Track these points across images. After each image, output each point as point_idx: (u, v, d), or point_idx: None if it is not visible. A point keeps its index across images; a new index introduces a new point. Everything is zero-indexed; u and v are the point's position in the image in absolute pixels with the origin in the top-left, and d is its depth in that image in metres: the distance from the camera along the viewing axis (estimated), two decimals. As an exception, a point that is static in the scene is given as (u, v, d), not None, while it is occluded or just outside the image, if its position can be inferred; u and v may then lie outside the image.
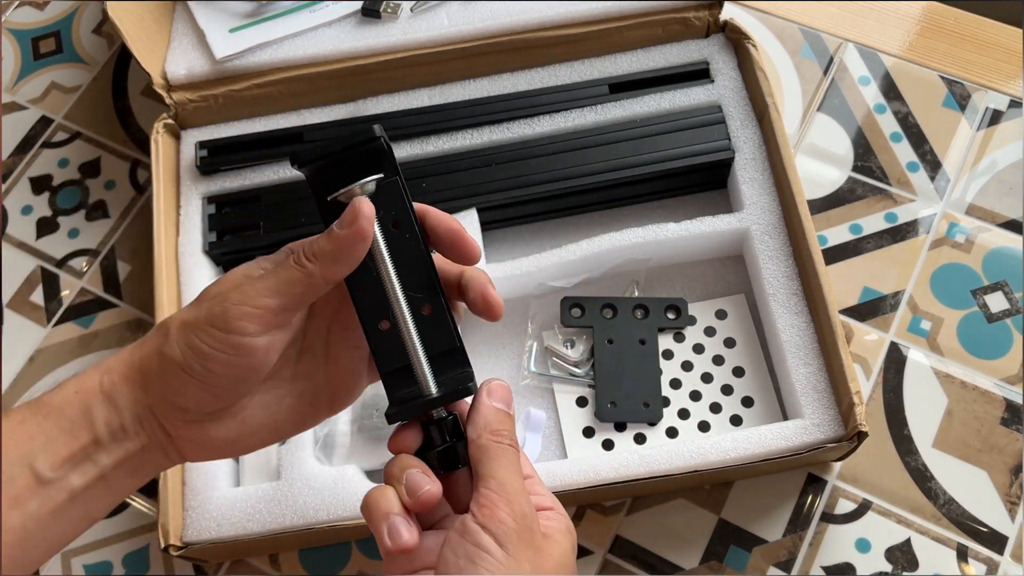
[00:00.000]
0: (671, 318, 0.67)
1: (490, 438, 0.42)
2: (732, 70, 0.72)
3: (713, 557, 0.62)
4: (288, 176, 0.71)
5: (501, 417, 0.43)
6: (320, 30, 0.73)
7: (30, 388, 0.71)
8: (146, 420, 0.43)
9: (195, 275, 0.67)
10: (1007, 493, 0.63)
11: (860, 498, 0.63)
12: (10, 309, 0.74)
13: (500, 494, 0.40)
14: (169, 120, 0.72)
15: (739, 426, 0.64)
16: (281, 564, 0.65)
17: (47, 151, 0.80)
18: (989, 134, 0.74)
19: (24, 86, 0.83)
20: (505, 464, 0.41)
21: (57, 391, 0.43)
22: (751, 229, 0.66)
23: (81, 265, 0.76)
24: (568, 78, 0.73)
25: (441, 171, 0.70)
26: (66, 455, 0.41)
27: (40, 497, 0.41)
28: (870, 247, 0.71)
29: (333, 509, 0.60)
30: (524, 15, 0.72)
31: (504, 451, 0.42)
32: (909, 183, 0.73)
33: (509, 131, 0.71)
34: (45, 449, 0.41)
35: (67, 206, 0.78)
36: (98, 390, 0.42)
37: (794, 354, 0.62)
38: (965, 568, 0.61)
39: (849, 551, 0.62)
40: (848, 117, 0.75)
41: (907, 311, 0.69)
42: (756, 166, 0.68)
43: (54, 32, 0.86)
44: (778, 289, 0.64)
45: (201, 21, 0.74)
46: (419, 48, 0.72)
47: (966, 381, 0.66)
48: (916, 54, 0.77)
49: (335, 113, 0.73)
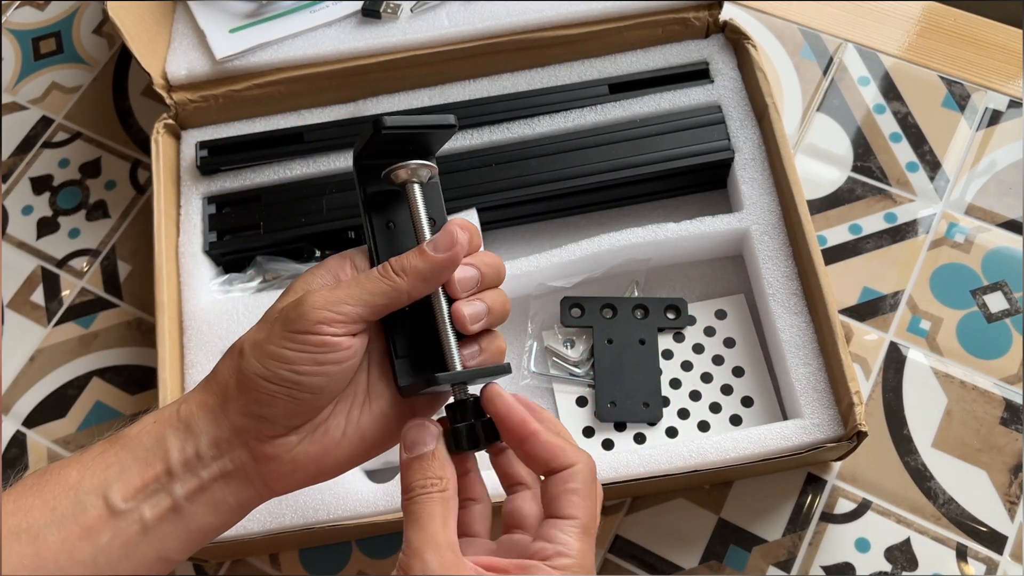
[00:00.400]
0: (671, 318, 0.67)
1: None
2: (732, 70, 0.72)
3: (713, 557, 0.63)
4: (288, 176, 0.71)
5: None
6: (320, 30, 0.73)
7: (30, 388, 0.72)
8: (226, 443, 0.42)
9: (195, 275, 0.68)
10: (1006, 493, 0.63)
11: (860, 498, 0.64)
12: (11, 309, 0.75)
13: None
14: (169, 120, 0.72)
15: (739, 426, 0.64)
16: (281, 564, 0.65)
17: (48, 151, 0.81)
18: (988, 134, 0.74)
19: (25, 86, 0.84)
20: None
21: (136, 423, 0.43)
22: (751, 229, 0.66)
23: (81, 265, 0.76)
24: (568, 78, 0.73)
25: (441, 171, 0.69)
26: (139, 484, 0.41)
27: (112, 529, 0.40)
28: (870, 247, 0.71)
29: (333, 509, 0.60)
30: (524, 15, 0.72)
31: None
32: (908, 183, 0.73)
33: (509, 131, 0.71)
34: (119, 479, 0.41)
35: (67, 206, 0.78)
36: (175, 418, 0.42)
37: (794, 354, 0.62)
38: (964, 568, 0.61)
39: (849, 551, 0.62)
40: (848, 117, 0.75)
41: (907, 311, 0.69)
42: (756, 166, 0.68)
43: (54, 32, 0.86)
44: (778, 289, 0.64)
45: (201, 21, 0.74)
46: (419, 48, 0.72)
47: (965, 381, 0.66)
48: (915, 54, 0.78)
49: (335, 113, 0.73)
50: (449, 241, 0.42)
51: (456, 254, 0.42)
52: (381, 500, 0.60)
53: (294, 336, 0.40)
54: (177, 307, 0.66)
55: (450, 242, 0.42)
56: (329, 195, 0.69)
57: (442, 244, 0.42)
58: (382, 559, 0.64)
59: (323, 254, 0.70)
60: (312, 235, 0.69)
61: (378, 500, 0.60)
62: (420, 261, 0.42)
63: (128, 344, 0.73)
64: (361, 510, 0.59)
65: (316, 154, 0.72)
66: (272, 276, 0.69)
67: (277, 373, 0.41)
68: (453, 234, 0.42)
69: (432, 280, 0.42)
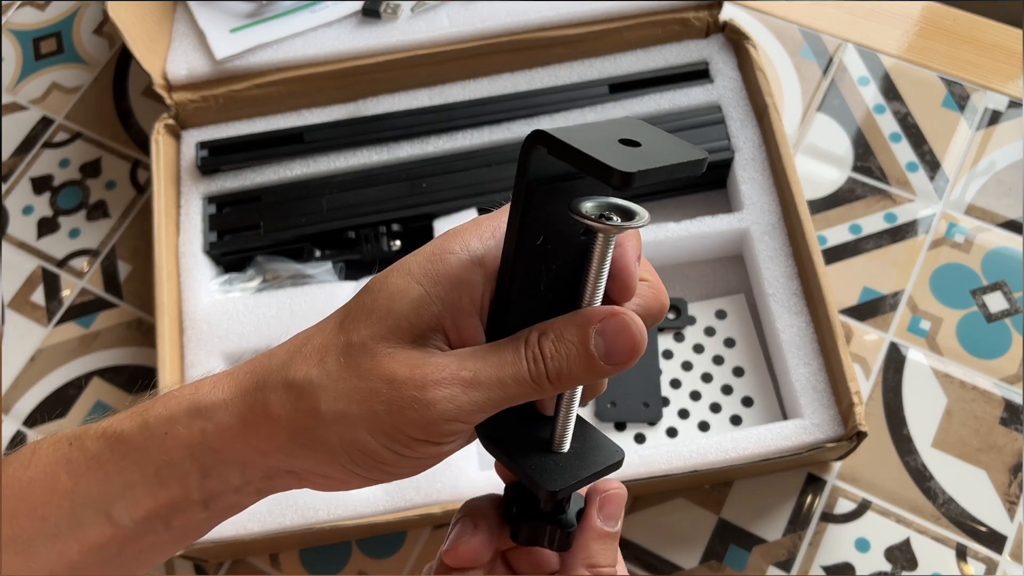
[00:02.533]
0: (671, 318, 0.67)
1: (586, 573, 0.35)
2: (732, 70, 0.72)
3: (713, 556, 0.63)
4: (288, 176, 0.71)
5: (607, 547, 0.36)
6: (320, 30, 0.73)
7: (31, 388, 0.72)
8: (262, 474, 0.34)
9: (195, 275, 0.68)
10: (1006, 492, 0.63)
11: (859, 498, 0.64)
12: (11, 309, 0.75)
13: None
14: (170, 120, 0.72)
15: (739, 426, 0.64)
16: (282, 563, 0.65)
17: (48, 151, 0.81)
18: (988, 134, 0.74)
19: (25, 86, 0.84)
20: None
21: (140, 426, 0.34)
22: (751, 229, 0.66)
23: (82, 265, 0.76)
24: (568, 78, 0.73)
25: (441, 171, 0.70)
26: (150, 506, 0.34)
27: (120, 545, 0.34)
28: (869, 247, 0.71)
29: (333, 509, 0.60)
30: (524, 15, 0.72)
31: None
32: (908, 183, 0.73)
33: (509, 131, 0.71)
34: (124, 496, 0.34)
35: (68, 206, 0.78)
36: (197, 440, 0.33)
37: (794, 354, 0.62)
38: (964, 567, 0.61)
39: (848, 550, 0.62)
40: (847, 117, 0.75)
41: (906, 311, 0.69)
42: (756, 166, 0.68)
43: (55, 33, 0.86)
44: (778, 289, 0.64)
45: (202, 21, 0.74)
46: (419, 48, 0.72)
47: (965, 381, 0.66)
48: (915, 55, 0.78)
49: (335, 113, 0.74)
50: (630, 353, 0.31)
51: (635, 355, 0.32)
52: (381, 500, 0.60)
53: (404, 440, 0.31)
54: (177, 307, 0.66)
55: (631, 354, 0.31)
56: (329, 195, 0.69)
57: (618, 355, 0.31)
58: (382, 559, 0.64)
59: (323, 254, 0.70)
60: (312, 235, 0.69)
61: (378, 500, 0.60)
62: (584, 370, 0.31)
63: (128, 344, 0.73)
64: (361, 510, 0.60)
65: (316, 154, 0.72)
66: (272, 276, 0.69)
67: (365, 467, 0.32)
68: (635, 345, 0.31)
69: (588, 379, 0.32)
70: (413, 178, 0.69)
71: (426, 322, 0.31)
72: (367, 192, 0.69)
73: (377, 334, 0.31)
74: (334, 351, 0.32)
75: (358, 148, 0.72)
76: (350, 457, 0.32)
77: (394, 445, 0.31)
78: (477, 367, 0.31)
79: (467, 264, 0.31)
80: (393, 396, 0.30)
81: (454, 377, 0.30)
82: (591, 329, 0.31)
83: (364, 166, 0.71)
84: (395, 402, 0.30)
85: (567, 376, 0.31)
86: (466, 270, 0.31)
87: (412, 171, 0.70)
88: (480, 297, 0.32)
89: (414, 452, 0.31)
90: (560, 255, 0.32)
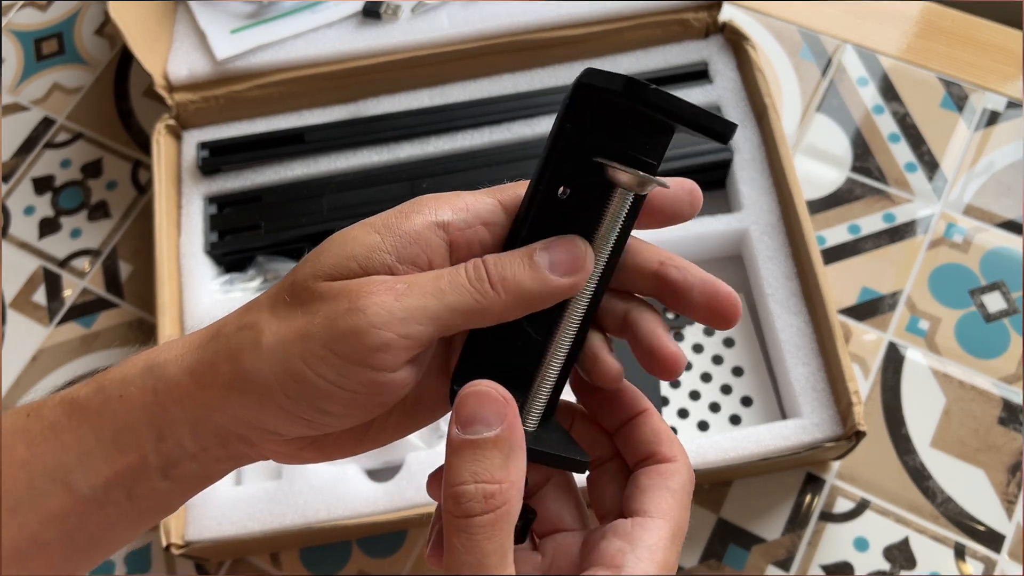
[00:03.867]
0: (671, 318, 0.67)
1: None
2: (731, 71, 0.72)
3: (712, 556, 0.63)
4: (289, 176, 0.71)
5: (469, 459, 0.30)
6: (321, 31, 0.74)
7: (31, 388, 0.72)
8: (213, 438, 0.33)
9: (196, 275, 0.68)
10: (1004, 492, 0.63)
11: (858, 497, 0.64)
12: (12, 309, 0.75)
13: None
14: (171, 121, 0.72)
15: (738, 425, 0.64)
16: (282, 563, 0.65)
17: (49, 152, 0.81)
18: (987, 135, 0.74)
19: (27, 87, 0.84)
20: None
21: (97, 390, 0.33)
22: (750, 229, 0.67)
23: (83, 265, 0.76)
24: (568, 79, 0.73)
25: (441, 171, 0.70)
26: (108, 474, 0.33)
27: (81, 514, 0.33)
28: (868, 247, 0.71)
29: (334, 508, 0.60)
30: (524, 16, 0.72)
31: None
32: (907, 184, 0.73)
33: (509, 131, 0.71)
34: (81, 464, 0.33)
35: (69, 206, 0.78)
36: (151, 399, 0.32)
37: (793, 354, 0.62)
38: (963, 566, 0.61)
39: (847, 550, 0.62)
40: (846, 118, 0.76)
41: (905, 311, 0.69)
42: (755, 167, 0.68)
43: (56, 33, 0.86)
44: (777, 289, 0.64)
45: (202, 22, 0.74)
46: (419, 49, 0.73)
47: (964, 381, 0.66)
48: (914, 55, 0.78)
49: (336, 114, 0.74)
50: (577, 265, 0.31)
51: (578, 283, 0.31)
52: (381, 500, 0.60)
53: (336, 364, 0.30)
54: (178, 307, 0.67)
55: (578, 266, 0.31)
56: (329, 195, 0.70)
57: (568, 266, 0.31)
58: (382, 559, 0.64)
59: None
60: (312, 235, 0.69)
61: (378, 500, 0.60)
62: (529, 277, 0.31)
63: (129, 344, 0.73)
64: (361, 510, 0.60)
65: (316, 154, 0.72)
66: (273, 276, 0.69)
67: (296, 400, 0.31)
68: (583, 259, 0.31)
69: (537, 304, 0.31)
70: (413, 178, 0.70)
71: (375, 267, 0.31)
72: (367, 192, 0.70)
73: (321, 271, 0.31)
74: (284, 290, 0.32)
75: (358, 148, 0.72)
76: (284, 391, 0.30)
77: (327, 371, 0.30)
78: (414, 279, 0.30)
79: (430, 224, 0.31)
80: (327, 310, 0.30)
81: (388, 288, 0.30)
82: (535, 246, 0.31)
83: (364, 166, 0.71)
84: (328, 315, 0.30)
85: (511, 282, 0.30)
86: (428, 229, 0.31)
87: (412, 171, 0.70)
88: (438, 259, 0.31)
89: (348, 379, 0.30)
90: (576, 220, 0.32)
